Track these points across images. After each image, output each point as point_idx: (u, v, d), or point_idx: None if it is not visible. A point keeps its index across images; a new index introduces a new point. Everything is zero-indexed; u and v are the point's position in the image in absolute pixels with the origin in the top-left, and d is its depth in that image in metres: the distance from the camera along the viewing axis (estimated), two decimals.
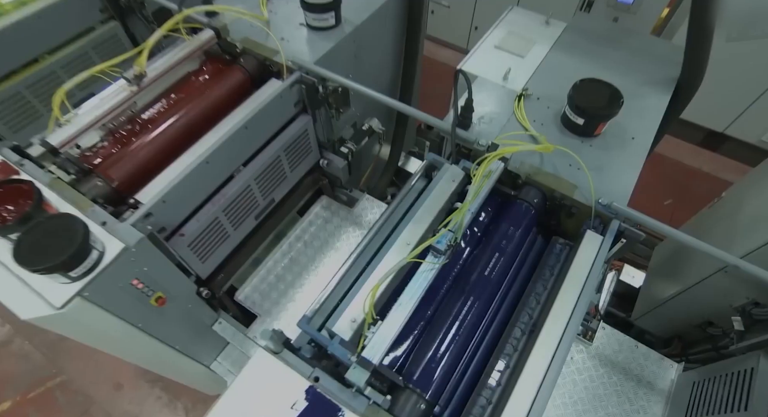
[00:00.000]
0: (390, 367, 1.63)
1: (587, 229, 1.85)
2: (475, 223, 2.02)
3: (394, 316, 1.54)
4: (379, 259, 1.71)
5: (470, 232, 1.99)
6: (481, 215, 2.05)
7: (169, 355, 2.31)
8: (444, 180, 1.94)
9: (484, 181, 1.83)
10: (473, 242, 1.97)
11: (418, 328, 1.72)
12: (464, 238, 1.96)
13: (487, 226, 2.02)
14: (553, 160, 2.05)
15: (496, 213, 2.06)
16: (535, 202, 1.99)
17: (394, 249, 1.72)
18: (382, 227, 1.91)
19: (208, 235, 2.19)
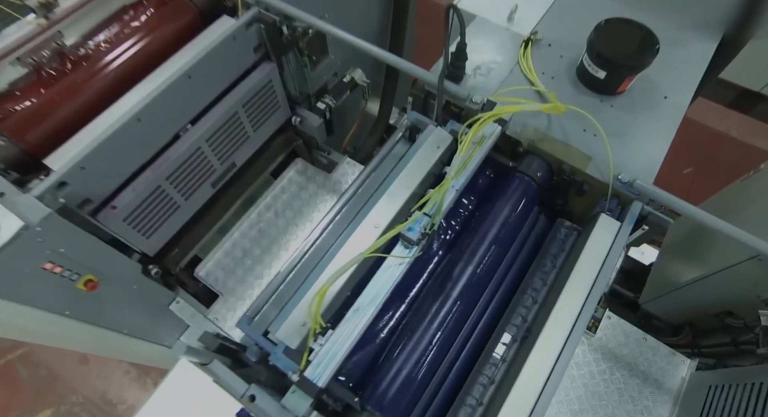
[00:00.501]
0: (345, 384, 1.30)
1: (601, 212, 1.45)
2: (461, 202, 1.62)
3: (349, 324, 1.18)
4: (339, 246, 1.34)
5: (454, 215, 1.60)
6: (470, 193, 1.65)
7: (116, 340, 2.00)
8: (426, 146, 1.52)
9: (474, 149, 1.42)
10: (458, 227, 1.59)
11: (383, 336, 1.37)
12: (446, 223, 1.58)
13: (477, 207, 1.62)
14: (564, 123, 1.62)
15: (488, 189, 1.66)
16: (538, 177, 1.58)
17: (358, 234, 1.35)
18: (349, 203, 1.52)
19: (151, 207, 1.82)
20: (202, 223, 2.20)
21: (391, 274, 1.24)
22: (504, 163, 1.62)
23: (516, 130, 1.60)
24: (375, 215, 1.41)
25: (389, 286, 1.22)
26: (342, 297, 1.28)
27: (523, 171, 1.59)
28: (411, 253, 1.25)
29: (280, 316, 1.28)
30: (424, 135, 1.57)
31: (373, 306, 1.19)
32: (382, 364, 1.31)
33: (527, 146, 1.61)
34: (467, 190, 1.60)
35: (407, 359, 1.30)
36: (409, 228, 1.24)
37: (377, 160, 1.56)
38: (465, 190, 1.44)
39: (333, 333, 1.17)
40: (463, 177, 1.38)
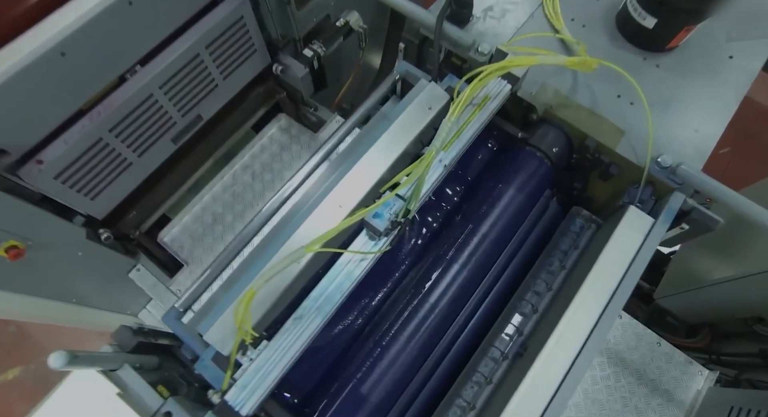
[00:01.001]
0: (288, 403, 1.03)
1: (630, 204, 1.10)
2: (452, 180, 1.28)
3: (289, 335, 0.89)
4: (292, 230, 1.04)
5: (441, 197, 1.27)
6: (464, 170, 1.30)
7: (66, 309, 1.77)
8: (415, 106, 1.17)
9: (473, 112, 1.07)
10: (447, 213, 1.26)
11: (342, 343, 1.09)
12: (429, 210, 1.25)
13: (473, 188, 1.28)
14: (593, 86, 1.24)
15: (489, 166, 1.31)
16: (553, 153, 1.23)
17: (317, 216, 1.03)
18: (313, 175, 1.20)
19: (93, 164, 1.51)
20: (165, 183, 1.90)
21: (348, 272, 0.93)
22: (511, 133, 1.27)
23: (530, 91, 1.23)
24: (340, 193, 1.09)
25: (346, 288, 0.92)
26: (288, 297, 0.99)
27: (534, 144, 1.24)
28: (376, 247, 0.94)
29: (214, 313, 1.00)
30: (414, 92, 1.21)
31: (323, 313, 0.90)
32: (340, 378, 1.03)
33: (543, 113, 1.24)
34: (461, 167, 1.25)
35: (369, 373, 1.01)
36: (375, 214, 0.92)
37: (349, 124, 1.22)
38: (458, 167, 1.10)
39: (267, 345, 0.89)
40: (455, 149, 1.04)
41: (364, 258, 0.93)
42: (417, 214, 1.20)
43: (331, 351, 1.06)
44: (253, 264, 1.03)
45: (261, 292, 0.97)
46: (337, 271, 0.93)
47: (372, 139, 1.17)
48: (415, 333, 1.03)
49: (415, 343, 1.02)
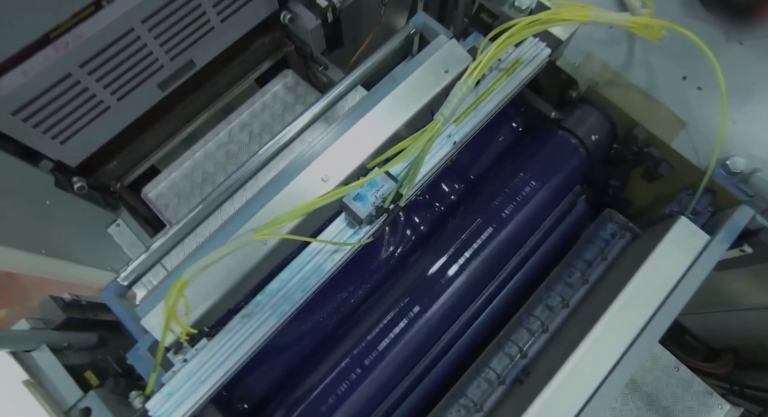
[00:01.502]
0: (238, 409, 0.85)
1: (680, 214, 0.87)
2: (462, 163, 1.05)
3: (234, 335, 0.70)
4: (262, 202, 0.83)
5: (446, 183, 1.04)
6: (478, 151, 1.07)
7: (36, 261, 1.62)
8: (429, 66, 0.93)
9: (498, 78, 0.83)
10: (451, 203, 1.03)
11: (302, 351, 0.89)
12: (430, 195, 1.03)
13: (485, 174, 1.05)
14: (653, 61, 0.98)
15: (509, 148, 1.08)
16: (591, 141, 0.98)
17: (291, 192, 0.83)
18: (300, 138, 0.99)
19: (61, 102, 1.32)
20: (152, 133, 1.71)
21: (316, 266, 0.73)
22: (543, 112, 1.02)
23: (573, 61, 0.98)
24: (324, 164, 0.88)
25: (312, 285, 0.72)
26: (242, 290, 0.79)
27: (569, 128, 0.99)
28: (355, 238, 0.73)
29: (157, 294, 0.81)
30: (429, 49, 0.97)
31: (279, 312, 0.71)
32: (302, 386, 0.85)
33: (585, 90, 0.99)
34: (474, 147, 1.02)
35: (337, 385, 0.82)
36: (357, 195, 0.71)
37: (348, 81, 1.00)
38: (471, 147, 0.87)
39: (206, 345, 0.70)
40: (469, 123, 0.81)
41: (338, 249, 0.73)
42: (412, 202, 0.99)
43: (296, 353, 0.87)
44: (208, 244, 0.84)
45: (207, 281, 0.78)
46: (302, 262, 0.73)
47: (372, 102, 0.95)
48: (396, 343, 0.83)
49: (395, 354, 0.83)
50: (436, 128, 0.68)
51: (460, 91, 0.69)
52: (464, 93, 0.69)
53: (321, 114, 1.06)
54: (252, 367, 0.87)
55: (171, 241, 0.98)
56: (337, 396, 0.80)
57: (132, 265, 0.90)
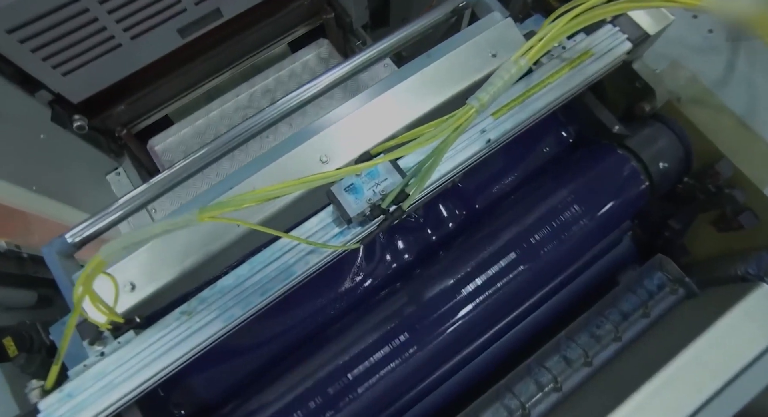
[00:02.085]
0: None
1: (760, 278, 0.67)
2: (490, 170, 0.87)
3: (169, 334, 0.56)
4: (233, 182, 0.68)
5: (468, 190, 0.86)
6: (515, 160, 0.88)
7: (28, 198, 1.52)
8: (474, 45, 0.76)
9: (558, 70, 0.65)
10: (467, 215, 0.85)
11: (263, 358, 0.74)
12: (445, 201, 0.85)
13: (518, 187, 0.87)
14: (760, 82, 0.77)
15: (553, 160, 0.89)
16: (658, 168, 0.79)
17: (280, 167, 0.68)
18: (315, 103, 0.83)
19: (64, 28, 1.19)
20: (168, 83, 1.58)
21: (284, 267, 0.57)
22: (604, 123, 0.82)
23: (654, 67, 0.78)
24: (328, 140, 0.72)
25: (274, 290, 0.56)
26: (193, 280, 0.64)
27: (633, 149, 0.80)
28: (337, 240, 0.57)
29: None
30: (479, 26, 0.79)
31: (227, 316, 0.55)
32: (254, 400, 0.70)
33: (662, 105, 0.79)
34: (510, 152, 0.83)
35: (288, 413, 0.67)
36: (350, 185, 0.55)
37: (375, 49, 0.83)
38: (506, 151, 0.69)
39: (132, 340, 0.56)
40: (512, 119, 0.63)
41: (315, 251, 0.57)
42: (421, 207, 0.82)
43: (252, 362, 0.73)
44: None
45: (152, 262, 0.64)
46: (267, 259, 0.57)
47: (396, 79, 0.78)
48: (370, 375, 0.67)
49: (366, 389, 0.66)
50: (468, 116, 0.51)
51: (508, 73, 0.51)
52: (512, 76, 0.51)
53: (338, 82, 0.90)
54: (196, 368, 0.73)
55: (141, 199, 0.84)
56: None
57: (89, 221, 0.77)
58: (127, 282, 0.66)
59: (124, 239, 0.45)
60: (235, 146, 0.91)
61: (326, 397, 0.66)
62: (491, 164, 0.84)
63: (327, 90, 0.91)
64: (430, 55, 0.78)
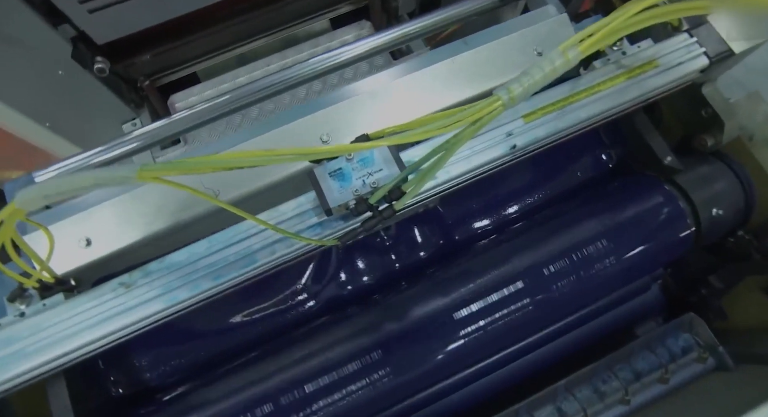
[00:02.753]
0: (100, 399, 0.63)
1: None
2: (512, 182, 0.76)
3: (103, 305, 0.48)
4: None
5: (480, 202, 0.76)
6: (542, 174, 0.77)
7: (41, 134, 1.50)
8: (518, 38, 0.66)
9: (612, 79, 0.54)
10: (478, 233, 0.75)
11: (218, 343, 0.66)
12: (450, 211, 0.75)
13: (538, 209, 0.76)
14: None
15: (587, 186, 0.78)
16: (710, 215, 0.67)
17: (277, 136, 0.60)
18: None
19: None
20: (197, 40, 1.52)
21: (245, 250, 0.49)
22: (654, 151, 0.70)
23: (728, 95, 0.66)
24: (332, 118, 0.63)
25: (231, 277, 0.48)
26: (151, 249, 0.56)
27: (684, 187, 0.68)
28: (312, 232, 0.48)
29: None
30: (528, 18, 0.68)
31: (169, 297, 0.48)
32: (194, 398, 0.62)
33: (729, 142, 0.67)
34: (538, 166, 0.73)
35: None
36: (338, 170, 0.46)
37: (411, 27, 0.74)
38: (533, 163, 0.58)
39: (61, 305, 0.49)
40: (546, 125, 0.53)
41: (283, 240, 0.48)
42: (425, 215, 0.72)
43: (208, 347, 0.65)
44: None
45: (115, 220, 0.57)
46: (227, 239, 0.49)
47: (424, 62, 0.68)
48: (333, 390, 0.58)
49: (325, 404, 0.57)
50: (492, 108, 0.41)
51: (551, 65, 0.41)
52: (555, 69, 0.41)
53: (367, 55, 0.82)
54: (142, 346, 0.66)
55: (127, 146, 0.78)
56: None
57: (63, 163, 0.70)
58: (83, 237, 0.59)
59: (46, 186, 0.37)
60: (246, 104, 0.85)
61: (277, 407, 0.58)
62: (512, 175, 0.74)
63: (354, 61, 0.84)
64: (468, 41, 0.68)
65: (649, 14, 0.45)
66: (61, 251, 0.57)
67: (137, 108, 1.62)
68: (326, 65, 0.85)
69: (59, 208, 0.64)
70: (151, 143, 0.79)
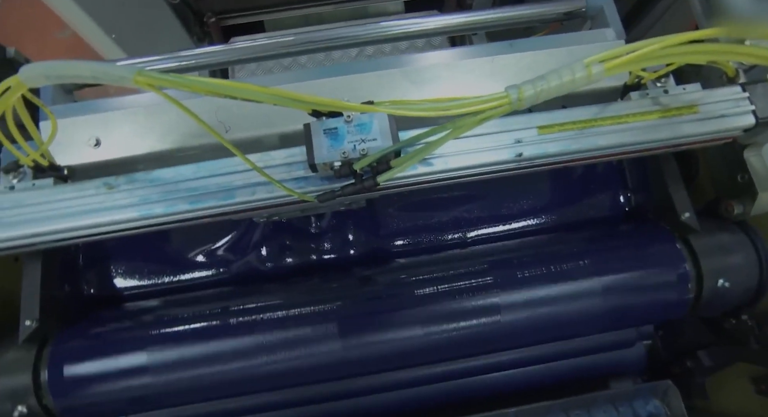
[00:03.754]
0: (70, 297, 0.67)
1: None
2: (510, 202, 0.74)
3: (82, 199, 0.51)
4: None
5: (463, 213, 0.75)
6: (544, 202, 0.75)
7: (105, 43, 1.59)
8: (565, 53, 0.64)
9: (643, 112, 0.52)
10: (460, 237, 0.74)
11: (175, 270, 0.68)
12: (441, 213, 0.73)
13: (533, 233, 0.74)
14: None
15: (591, 223, 0.75)
16: (715, 286, 0.63)
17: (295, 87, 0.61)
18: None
19: None
20: None
21: (225, 184, 0.50)
22: (673, 204, 0.67)
23: None
24: (363, 83, 0.65)
25: (206, 206, 0.50)
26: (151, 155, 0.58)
27: (696, 249, 0.64)
28: (296, 185, 0.49)
29: None
30: (584, 36, 0.66)
31: (144, 208, 0.50)
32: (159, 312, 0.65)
33: (758, 215, 0.63)
34: (541, 190, 0.70)
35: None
36: (333, 128, 0.46)
37: (456, 20, 0.73)
38: (535, 182, 0.57)
39: (50, 188, 0.52)
40: (560, 142, 0.51)
41: (266, 184, 0.49)
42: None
43: (184, 268, 0.67)
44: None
45: (127, 128, 0.60)
46: (213, 169, 0.50)
47: (466, 53, 0.68)
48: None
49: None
50: (498, 103, 0.41)
51: (570, 74, 0.39)
52: (574, 81, 0.40)
53: (417, 34, 0.83)
54: (121, 255, 0.69)
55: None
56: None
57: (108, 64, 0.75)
58: (93, 137, 0.62)
59: (49, 66, 0.39)
60: (297, 52, 0.88)
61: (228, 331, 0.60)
62: (510, 193, 0.72)
63: (408, 37, 0.86)
64: (513, 44, 0.67)
65: (697, 49, 0.43)
66: (71, 144, 0.61)
67: (198, 42, 1.68)
68: (383, 32, 0.87)
69: (83, 104, 0.68)
70: (197, 65, 0.82)
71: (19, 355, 0.57)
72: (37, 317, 0.56)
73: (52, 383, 0.56)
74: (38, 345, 0.58)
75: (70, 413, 0.58)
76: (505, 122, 0.53)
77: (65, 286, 0.67)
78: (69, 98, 0.75)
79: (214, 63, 0.89)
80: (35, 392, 0.56)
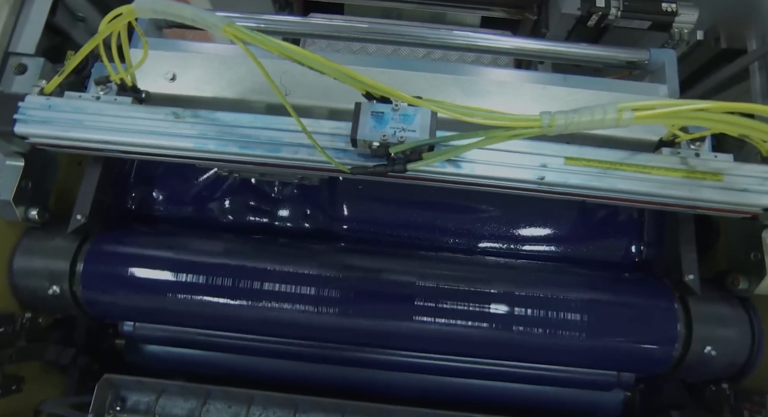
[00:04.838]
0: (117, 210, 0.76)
1: None
2: (524, 229, 0.78)
3: (151, 122, 0.59)
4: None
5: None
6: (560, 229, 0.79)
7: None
8: (612, 97, 0.68)
9: (668, 168, 0.55)
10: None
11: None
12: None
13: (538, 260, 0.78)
14: None
15: (595, 267, 0.78)
16: (701, 352, 0.65)
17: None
18: None
19: None
20: None
21: (275, 140, 0.57)
22: (680, 263, 0.69)
23: None
24: (420, 82, 0.70)
25: (254, 153, 0.57)
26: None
27: (692, 313, 0.67)
28: (336, 154, 0.55)
29: None
30: (638, 87, 0.70)
31: (202, 141, 0.57)
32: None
33: (757, 293, 0.65)
34: (557, 221, 0.74)
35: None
36: (380, 112, 0.52)
37: (519, 44, 0.78)
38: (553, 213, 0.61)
39: (127, 106, 0.60)
40: (582, 176, 0.55)
41: (309, 147, 0.55)
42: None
43: (224, 212, 0.76)
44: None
45: (202, 71, 0.68)
46: (269, 123, 0.57)
47: (520, 77, 0.73)
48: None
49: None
50: (529, 124, 0.45)
51: (602, 114, 0.44)
52: (604, 121, 0.44)
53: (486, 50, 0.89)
54: (166, 183, 0.78)
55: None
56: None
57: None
58: (171, 72, 0.71)
59: (160, 3, 0.47)
60: (371, 40, 0.94)
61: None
62: (525, 221, 0.77)
63: (478, 49, 0.92)
64: (567, 79, 0.71)
65: (725, 118, 0.46)
66: (152, 73, 0.70)
67: (279, 10, 1.77)
68: (453, 41, 0.92)
69: (167, 41, 0.77)
70: (274, 30, 0.90)
71: (65, 245, 0.67)
72: (87, 214, 0.65)
73: (85, 275, 0.65)
74: (80, 239, 0.67)
75: (92, 305, 0.67)
76: (536, 145, 0.57)
77: (114, 196, 0.76)
78: (159, 34, 0.84)
79: (289, 32, 0.97)
80: (69, 278, 0.65)
